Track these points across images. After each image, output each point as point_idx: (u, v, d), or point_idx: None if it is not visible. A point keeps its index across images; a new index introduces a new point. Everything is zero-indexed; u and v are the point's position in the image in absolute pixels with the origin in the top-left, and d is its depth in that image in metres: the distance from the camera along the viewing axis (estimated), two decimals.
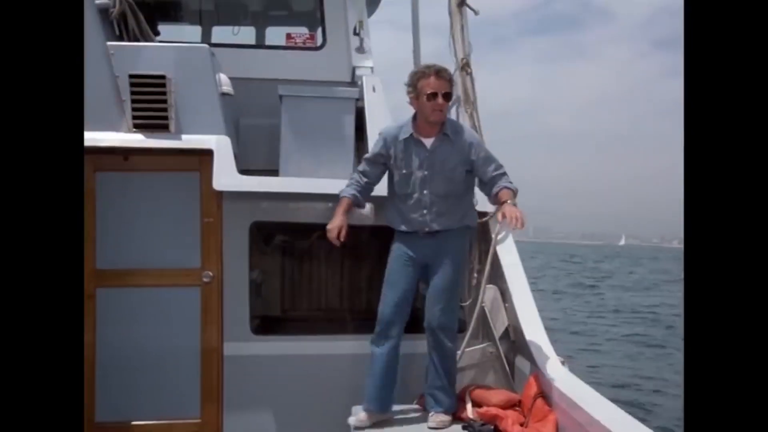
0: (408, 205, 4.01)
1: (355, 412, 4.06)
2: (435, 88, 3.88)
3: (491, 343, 4.41)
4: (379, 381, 4.00)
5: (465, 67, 4.97)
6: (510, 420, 3.69)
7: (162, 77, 4.37)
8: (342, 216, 4.02)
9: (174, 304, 4.59)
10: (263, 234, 4.83)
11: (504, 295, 4.47)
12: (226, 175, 4.40)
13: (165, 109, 4.41)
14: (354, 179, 4.16)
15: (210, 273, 4.55)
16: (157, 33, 5.44)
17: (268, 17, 6.76)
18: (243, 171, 4.51)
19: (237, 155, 4.60)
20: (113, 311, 4.52)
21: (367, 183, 4.15)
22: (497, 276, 4.52)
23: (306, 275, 4.72)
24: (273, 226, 4.87)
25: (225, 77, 4.71)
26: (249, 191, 4.48)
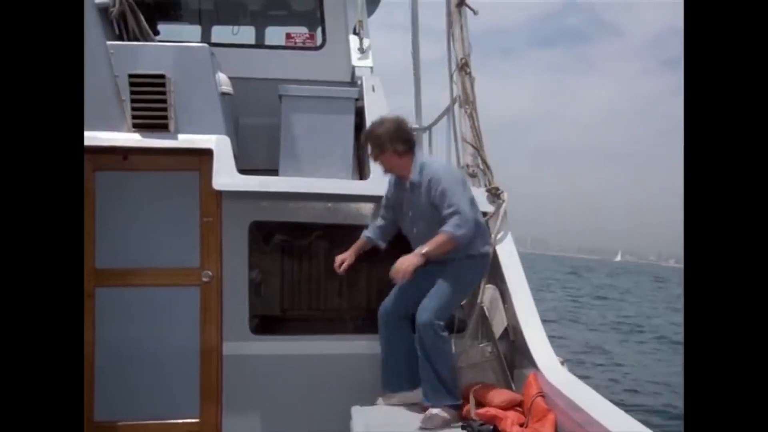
0: (411, 243, 4.23)
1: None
2: (371, 155, 4.25)
3: (490, 343, 4.40)
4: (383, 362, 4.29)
5: (464, 67, 4.97)
6: (509, 420, 3.69)
7: (161, 77, 4.37)
8: (352, 252, 4.35)
9: (173, 303, 4.59)
10: (263, 234, 4.82)
11: (503, 295, 4.46)
12: (225, 175, 4.40)
13: (165, 109, 4.41)
14: (374, 222, 4.48)
15: (209, 272, 4.55)
16: (157, 32, 5.44)
17: (267, 17, 6.76)
18: (242, 171, 4.51)
19: (236, 155, 4.60)
20: (112, 310, 4.52)
21: (384, 225, 4.39)
22: (496, 276, 4.51)
23: (305, 275, 4.72)
24: (272, 225, 4.87)
25: (224, 77, 4.71)
26: (248, 191, 4.48)
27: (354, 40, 5.70)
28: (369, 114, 4.81)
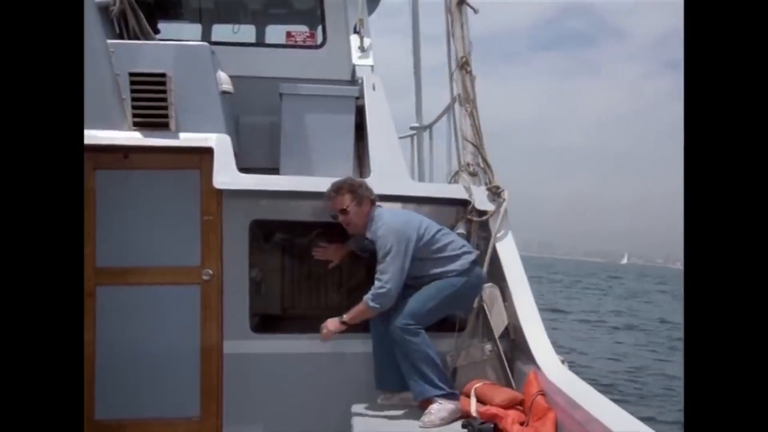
0: None
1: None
2: (332, 208, 4.27)
3: (491, 342, 4.40)
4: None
5: (464, 66, 4.96)
6: (510, 419, 3.69)
7: (162, 75, 4.37)
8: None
9: (174, 302, 4.59)
10: (263, 232, 4.83)
11: (504, 294, 4.46)
12: (226, 174, 4.40)
13: (165, 108, 4.41)
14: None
15: (210, 271, 4.55)
16: (157, 31, 5.44)
17: (268, 15, 6.76)
18: (243, 169, 4.51)
19: (237, 153, 4.60)
20: (113, 309, 4.52)
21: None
22: (497, 274, 4.51)
23: (306, 273, 4.72)
24: (273, 224, 4.88)
25: (225, 75, 4.71)
26: (249, 189, 4.48)
27: (355, 38, 5.70)
28: (369, 112, 4.82)
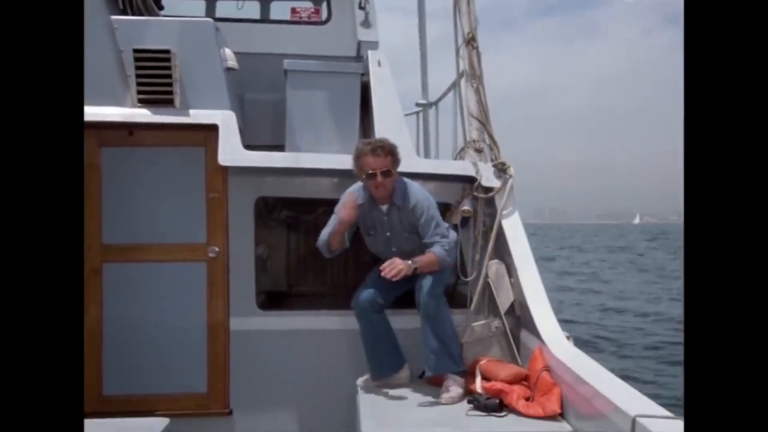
0: (382, 261, 4.08)
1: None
2: (372, 167, 3.96)
3: (497, 318, 4.42)
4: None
5: (471, 42, 4.93)
6: (515, 394, 3.71)
7: (167, 52, 4.35)
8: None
9: (180, 279, 4.61)
10: (269, 209, 4.83)
11: (509, 270, 4.47)
12: (231, 151, 4.39)
13: (170, 84, 4.39)
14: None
15: (216, 248, 4.56)
16: (161, 7, 5.42)
17: None
18: (248, 147, 4.50)
19: (242, 130, 4.59)
20: (120, 286, 4.54)
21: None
22: (503, 251, 4.52)
23: (312, 250, 4.73)
24: (278, 201, 4.88)
25: (230, 52, 4.69)
26: (254, 166, 4.48)
27: (359, 14, 5.66)
28: (374, 89, 4.79)
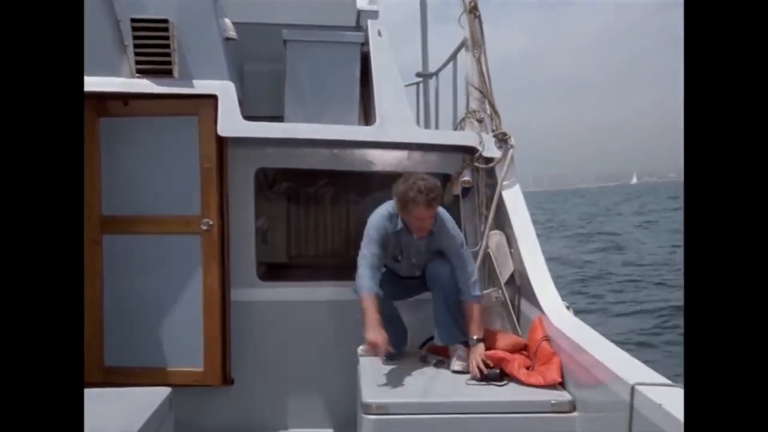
0: (397, 270, 4.18)
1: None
2: (424, 216, 3.85)
3: (497, 289, 4.43)
4: None
5: (473, 10, 4.87)
6: (516, 363, 3.73)
7: (165, 21, 4.31)
8: (376, 323, 3.72)
9: (178, 250, 4.60)
10: (269, 180, 4.82)
11: (509, 241, 4.47)
12: (230, 121, 4.37)
13: (168, 54, 4.36)
14: (369, 265, 3.93)
15: (209, 221, 4.51)
16: None
17: None
18: (248, 118, 4.47)
19: (241, 101, 4.56)
20: (120, 258, 4.54)
21: (378, 267, 4.03)
22: (503, 221, 4.52)
23: (312, 221, 4.73)
24: (278, 172, 4.87)
25: (229, 22, 4.65)
26: (254, 137, 4.45)
27: None
28: (374, 59, 4.76)
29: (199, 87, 4.42)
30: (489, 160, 4.58)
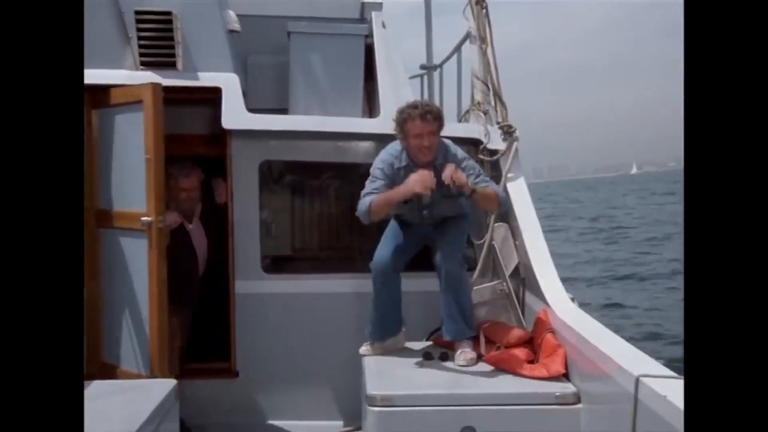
0: (413, 224, 4.08)
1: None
2: (420, 131, 3.76)
3: (501, 281, 4.42)
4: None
5: (480, 2, 4.85)
6: (520, 356, 3.73)
7: (168, 13, 4.31)
8: (401, 186, 3.75)
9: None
10: (273, 173, 4.81)
11: (514, 233, 4.46)
12: (234, 114, 4.36)
13: (172, 47, 4.35)
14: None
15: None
16: None
17: None
18: (252, 110, 4.47)
19: (246, 94, 4.55)
20: (117, 252, 4.51)
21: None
22: (508, 214, 4.50)
23: (316, 214, 4.73)
24: (283, 164, 4.86)
25: (232, 14, 4.64)
26: (258, 129, 4.45)
27: None
28: (378, 51, 4.75)
29: (203, 79, 4.41)
30: (494, 152, 4.56)
